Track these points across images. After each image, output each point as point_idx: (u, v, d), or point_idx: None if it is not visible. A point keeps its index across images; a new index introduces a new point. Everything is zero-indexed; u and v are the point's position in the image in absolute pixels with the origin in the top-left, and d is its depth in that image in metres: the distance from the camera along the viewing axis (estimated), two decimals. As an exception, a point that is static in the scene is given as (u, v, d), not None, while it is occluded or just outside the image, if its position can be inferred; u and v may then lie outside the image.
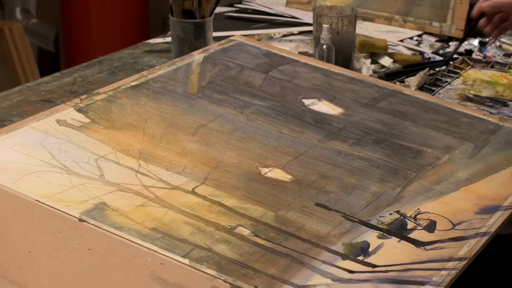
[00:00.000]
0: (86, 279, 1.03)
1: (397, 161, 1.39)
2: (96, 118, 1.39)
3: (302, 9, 2.32)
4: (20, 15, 3.61)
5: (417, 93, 1.66)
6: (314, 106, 1.54)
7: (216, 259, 1.10)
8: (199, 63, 1.65)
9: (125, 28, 3.39)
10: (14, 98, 1.67)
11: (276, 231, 1.18)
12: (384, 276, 1.12)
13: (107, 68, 1.86)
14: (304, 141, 1.42)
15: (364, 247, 1.17)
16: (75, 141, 1.31)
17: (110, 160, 1.28)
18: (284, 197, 1.26)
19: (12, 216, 1.12)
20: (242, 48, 1.73)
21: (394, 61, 1.95)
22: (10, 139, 1.30)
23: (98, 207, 1.17)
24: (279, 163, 1.34)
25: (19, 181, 1.19)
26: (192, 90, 1.54)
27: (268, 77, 1.62)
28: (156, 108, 1.45)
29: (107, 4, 3.36)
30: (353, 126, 1.49)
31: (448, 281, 1.12)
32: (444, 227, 1.23)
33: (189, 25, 1.77)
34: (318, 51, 1.79)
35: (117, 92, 1.49)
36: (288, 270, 1.10)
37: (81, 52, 3.36)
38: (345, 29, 1.83)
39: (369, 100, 1.59)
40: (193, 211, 1.19)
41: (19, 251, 1.06)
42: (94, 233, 1.11)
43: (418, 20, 2.19)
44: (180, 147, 1.35)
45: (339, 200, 1.27)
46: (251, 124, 1.45)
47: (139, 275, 1.05)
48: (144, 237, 1.12)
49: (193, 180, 1.27)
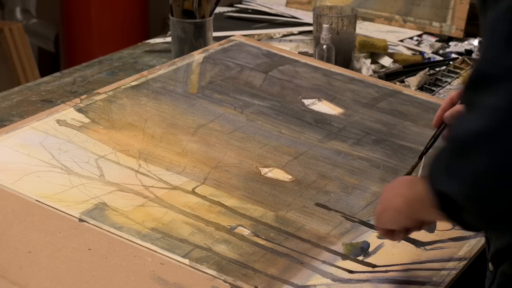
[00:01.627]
0: (86, 279, 1.03)
1: (397, 161, 1.39)
2: (96, 118, 1.39)
3: (302, 9, 2.32)
4: (20, 15, 3.60)
5: (417, 93, 1.66)
6: (314, 106, 1.54)
7: (216, 259, 1.10)
8: (199, 63, 1.65)
9: (125, 28, 3.39)
10: (14, 98, 1.67)
11: (276, 231, 1.18)
12: (384, 276, 1.12)
13: (107, 68, 1.86)
14: (304, 141, 1.42)
15: (364, 247, 1.17)
16: (75, 141, 1.31)
17: (110, 160, 1.28)
18: (284, 197, 1.26)
19: (12, 216, 1.12)
20: (242, 48, 1.73)
21: (394, 61, 1.95)
22: (10, 139, 1.30)
23: (98, 207, 1.17)
24: (279, 163, 1.34)
25: (19, 181, 1.19)
26: (192, 90, 1.54)
27: (268, 77, 1.62)
28: (156, 108, 1.45)
29: (107, 4, 3.36)
30: (353, 126, 1.49)
31: (448, 281, 1.12)
32: (444, 227, 1.23)
33: (189, 25, 1.77)
34: (318, 51, 1.79)
35: (117, 92, 1.49)
36: (288, 270, 1.10)
37: (81, 52, 3.36)
38: (345, 29, 1.83)
39: (369, 100, 1.59)
40: (193, 211, 1.19)
41: (19, 251, 1.06)
42: (94, 233, 1.11)
43: (418, 20, 2.19)
44: (180, 147, 1.35)
45: (339, 200, 1.27)
46: (251, 124, 1.45)
47: (139, 275, 1.05)
48: (144, 237, 1.12)
49: (193, 180, 1.26)
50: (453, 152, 0.89)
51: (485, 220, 0.89)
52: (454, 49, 2.07)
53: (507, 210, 0.86)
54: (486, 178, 0.85)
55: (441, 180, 0.91)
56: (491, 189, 0.85)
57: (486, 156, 0.84)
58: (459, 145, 0.88)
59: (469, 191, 0.87)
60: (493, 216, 0.87)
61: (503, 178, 0.84)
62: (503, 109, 0.83)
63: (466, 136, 0.86)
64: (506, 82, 0.84)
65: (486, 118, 0.84)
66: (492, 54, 0.86)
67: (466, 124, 0.87)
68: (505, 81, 0.84)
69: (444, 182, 0.90)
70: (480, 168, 0.85)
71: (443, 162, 0.91)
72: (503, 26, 0.86)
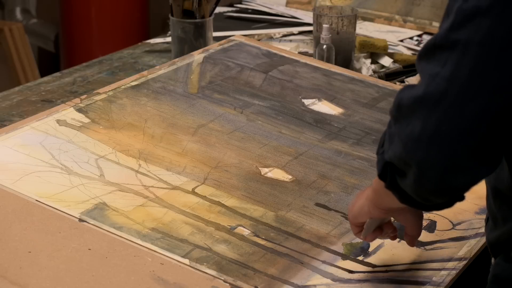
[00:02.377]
0: (86, 279, 1.03)
1: (397, 161, 1.39)
2: (96, 118, 1.39)
3: (302, 9, 2.32)
4: (20, 15, 3.60)
5: (417, 93, 1.66)
6: (314, 106, 1.54)
7: (216, 259, 1.10)
8: (199, 63, 1.65)
9: (125, 28, 3.39)
10: (14, 98, 1.67)
11: (276, 231, 1.18)
12: (384, 276, 1.12)
13: (107, 68, 1.86)
14: (304, 141, 1.42)
15: (364, 247, 1.17)
16: (75, 141, 1.31)
17: (110, 160, 1.28)
18: (284, 197, 1.26)
19: (12, 216, 1.12)
20: (242, 48, 1.73)
21: (394, 61, 1.95)
22: (10, 139, 1.30)
23: (98, 207, 1.16)
24: (279, 163, 1.34)
25: (19, 181, 1.19)
26: (192, 90, 1.54)
27: (268, 77, 1.62)
28: (156, 108, 1.45)
29: (107, 4, 3.36)
30: (353, 126, 1.49)
31: (448, 281, 1.12)
32: (444, 227, 1.23)
33: (189, 25, 1.77)
34: (318, 51, 1.79)
35: (117, 92, 1.49)
36: (288, 270, 1.10)
37: (81, 52, 3.36)
38: (345, 29, 1.83)
39: (369, 100, 1.59)
40: (193, 211, 1.19)
41: (19, 251, 1.06)
42: (94, 233, 1.11)
43: (418, 20, 2.19)
44: (180, 147, 1.35)
45: (339, 200, 1.27)
46: (251, 124, 1.45)
47: (139, 275, 1.05)
48: (144, 237, 1.12)
49: (193, 180, 1.26)
50: (395, 119, 0.93)
51: (417, 187, 0.92)
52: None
53: (434, 177, 0.89)
54: (417, 141, 0.88)
55: (383, 149, 0.96)
56: (421, 152, 0.88)
57: (420, 119, 0.88)
58: (399, 110, 0.91)
59: (401, 151, 0.90)
60: (422, 181, 0.90)
61: (432, 143, 0.87)
62: (442, 77, 0.87)
63: (405, 101, 0.90)
64: (448, 51, 0.87)
65: (427, 85, 0.88)
66: (440, 27, 0.90)
67: (410, 91, 0.91)
68: (447, 50, 0.88)
69: (386, 149, 0.95)
70: (414, 131, 0.88)
71: (387, 131, 0.95)
72: (448, 2, 0.91)
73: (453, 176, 0.89)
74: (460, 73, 0.86)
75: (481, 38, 0.86)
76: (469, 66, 0.86)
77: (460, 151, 0.87)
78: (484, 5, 0.86)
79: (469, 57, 0.86)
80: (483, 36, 0.86)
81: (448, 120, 0.87)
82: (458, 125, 0.87)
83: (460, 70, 0.86)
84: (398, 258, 1.16)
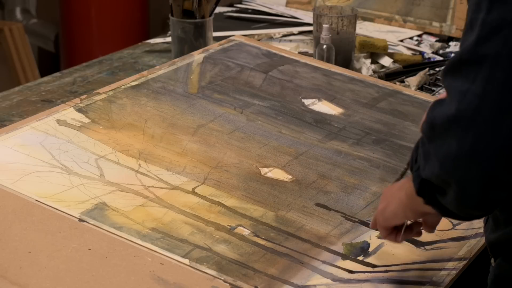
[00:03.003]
0: (86, 279, 1.03)
1: (397, 161, 1.39)
2: (96, 118, 1.39)
3: (302, 9, 2.32)
4: (20, 15, 3.60)
5: (417, 93, 1.66)
6: (314, 106, 1.54)
7: (216, 259, 1.10)
8: (199, 63, 1.65)
9: (125, 28, 3.39)
10: (14, 98, 1.67)
11: (276, 231, 1.18)
12: (384, 276, 1.12)
13: (107, 68, 1.86)
14: (304, 141, 1.42)
15: (364, 247, 1.17)
16: (75, 141, 1.31)
17: (110, 160, 1.28)
18: (284, 197, 1.26)
19: (12, 216, 1.12)
20: (242, 48, 1.73)
21: (394, 61, 1.95)
22: (10, 139, 1.30)
23: (98, 207, 1.16)
24: (279, 163, 1.34)
25: (19, 181, 1.19)
26: (192, 90, 1.54)
27: (268, 77, 1.62)
28: (156, 108, 1.45)
29: (107, 4, 3.36)
30: (353, 126, 1.49)
31: (448, 281, 1.12)
32: (444, 227, 1.23)
33: (189, 25, 1.77)
34: (318, 51, 1.79)
35: (117, 92, 1.49)
36: (288, 270, 1.10)
37: (81, 52, 3.36)
38: (345, 29, 1.83)
39: (369, 100, 1.59)
40: (193, 211, 1.19)
41: (19, 251, 1.06)
42: (94, 233, 1.11)
43: (418, 20, 2.19)
44: (180, 147, 1.35)
45: (339, 200, 1.27)
46: (251, 124, 1.45)
47: (139, 275, 1.05)
48: (144, 237, 1.12)
49: (193, 180, 1.26)
50: (429, 138, 0.92)
51: (459, 203, 0.92)
52: (454, 49, 2.07)
53: (475, 194, 0.89)
54: (454, 161, 0.88)
55: (419, 165, 0.95)
56: (460, 172, 0.88)
57: (455, 138, 0.87)
58: (433, 129, 0.91)
59: (438, 170, 0.90)
60: (463, 198, 0.90)
61: (470, 162, 0.87)
62: (473, 93, 0.86)
63: (438, 120, 0.90)
64: (477, 67, 0.86)
65: (458, 102, 0.87)
66: (465, 40, 0.89)
67: (440, 109, 0.90)
68: (475, 66, 0.87)
69: (421, 167, 0.94)
70: (450, 150, 0.88)
71: (421, 149, 0.95)
72: (469, 13, 0.90)
73: (494, 191, 0.88)
74: (492, 88, 0.85)
75: (509, 51, 0.85)
76: (500, 80, 0.85)
77: (499, 167, 0.86)
78: (509, 17, 0.85)
79: (499, 72, 0.85)
80: None
81: (484, 137, 0.86)
82: (494, 142, 0.86)
83: (491, 85, 0.85)
84: (398, 258, 1.16)
